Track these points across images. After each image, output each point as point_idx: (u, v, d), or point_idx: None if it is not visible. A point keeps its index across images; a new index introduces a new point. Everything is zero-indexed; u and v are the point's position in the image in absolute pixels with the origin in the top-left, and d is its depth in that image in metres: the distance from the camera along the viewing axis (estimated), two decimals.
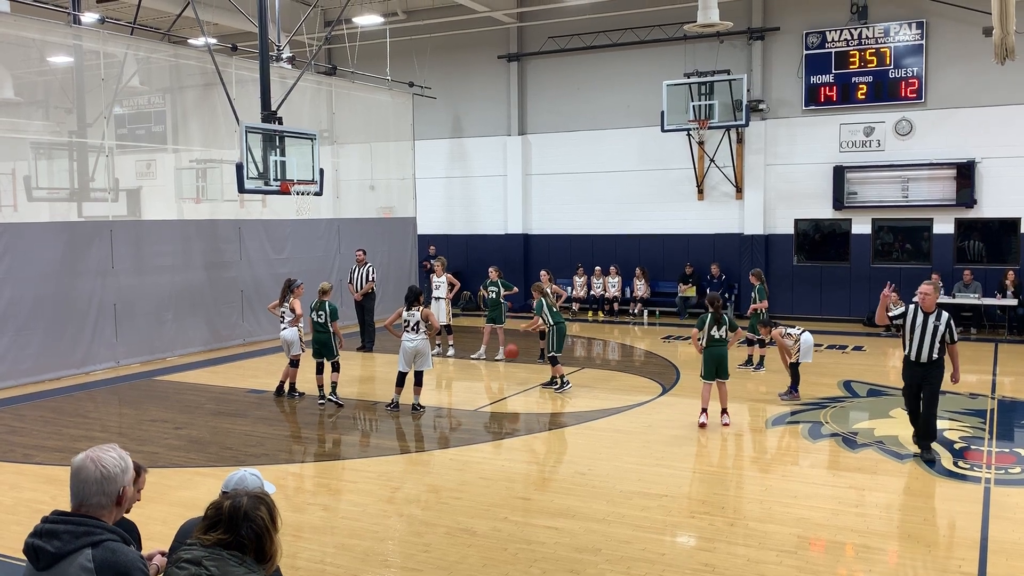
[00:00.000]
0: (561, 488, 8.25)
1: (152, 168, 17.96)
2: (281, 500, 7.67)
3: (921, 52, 18.62)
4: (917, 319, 8.85)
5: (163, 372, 14.50)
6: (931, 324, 8.81)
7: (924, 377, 8.88)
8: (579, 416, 11.17)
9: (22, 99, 14.68)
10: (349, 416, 11.45)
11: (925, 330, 8.81)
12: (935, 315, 8.83)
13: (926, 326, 8.82)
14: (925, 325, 8.82)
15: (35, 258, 13.52)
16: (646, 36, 20.80)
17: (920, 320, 8.84)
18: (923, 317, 8.84)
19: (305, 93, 17.95)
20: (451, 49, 22.78)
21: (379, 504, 7.85)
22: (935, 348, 8.80)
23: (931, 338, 8.79)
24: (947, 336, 8.81)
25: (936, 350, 8.80)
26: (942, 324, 8.79)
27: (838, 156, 19.49)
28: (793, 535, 6.84)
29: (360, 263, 16.65)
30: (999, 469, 8.59)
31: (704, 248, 20.83)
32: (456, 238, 23.46)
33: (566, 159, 22.24)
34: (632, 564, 6.36)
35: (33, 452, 9.72)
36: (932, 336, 8.78)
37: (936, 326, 8.79)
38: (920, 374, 8.91)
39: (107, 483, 3.05)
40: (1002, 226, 18.48)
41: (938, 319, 8.80)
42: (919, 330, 8.83)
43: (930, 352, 8.82)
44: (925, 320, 8.82)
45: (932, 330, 8.78)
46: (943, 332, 8.78)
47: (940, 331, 8.77)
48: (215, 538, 2.86)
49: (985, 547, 6.59)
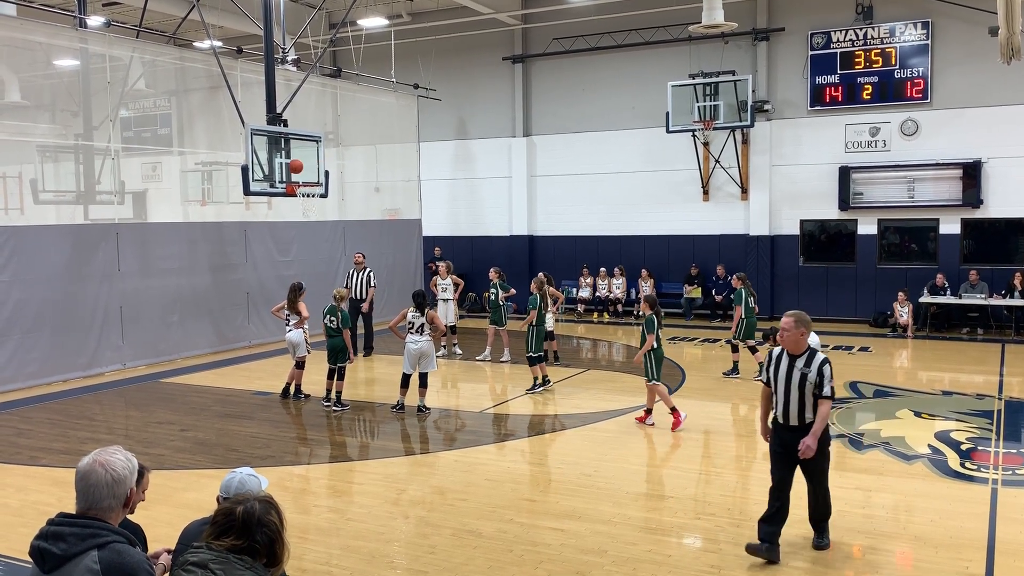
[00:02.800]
0: (567, 490, 8.24)
1: (158, 171, 18.01)
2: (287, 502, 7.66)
3: (927, 52, 18.58)
4: (781, 365, 6.53)
5: (169, 374, 14.53)
6: (797, 371, 6.43)
7: (794, 445, 6.42)
8: (584, 418, 11.16)
9: (29, 102, 14.73)
10: (354, 418, 11.45)
11: (790, 380, 6.44)
12: (805, 359, 6.47)
13: (791, 374, 6.44)
14: (790, 373, 6.45)
15: (41, 261, 13.55)
16: (651, 37, 20.79)
17: (784, 366, 6.51)
18: (787, 362, 6.51)
19: (310, 95, 17.97)
20: (455, 51, 22.80)
21: (385, 506, 7.85)
22: (806, 405, 6.42)
23: (799, 391, 6.40)
24: (815, 386, 6.40)
25: (809, 408, 6.43)
26: (812, 371, 6.40)
27: (844, 156, 19.44)
28: (800, 536, 6.81)
29: (358, 266, 16.04)
30: (1006, 470, 8.56)
31: (709, 249, 20.80)
32: (461, 240, 23.46)
33: (571, 160, 22.23)
34: (638, 566, 6.35)
35: (39, 454, 9.75)
36: (800, 388, 6.40)
37: (804, 374, 6.40)
38: (790, 441, 6.47)
39: (117, 486, 3.06)
40: (1009, 226, 18.42)
41: (807, 364, 6.44)
42: (783, 380, 6.48)
43: (800, 410, 6.43)
44: (790, 366, 6.48)
45: (800, 380, 6.40)
46: (814, 381, 6.39)
47: (810, 381, 6.39)
48: (228, 543, 2.86)
49: (992, 548, 6.57)
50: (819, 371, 6.39)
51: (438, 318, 11.54)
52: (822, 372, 6.39)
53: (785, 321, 6.52)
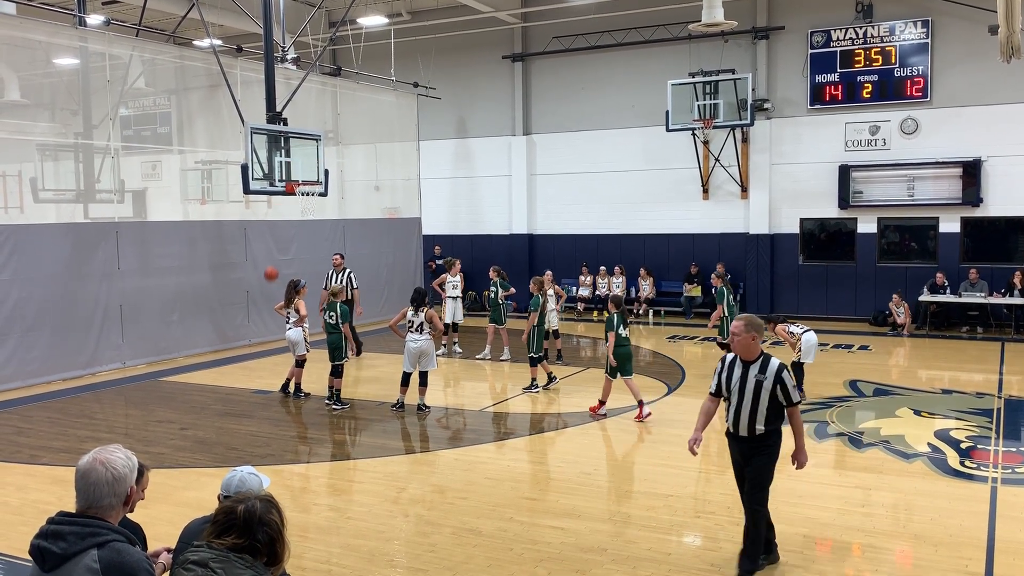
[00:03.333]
0: (567, 488, 8.25)
1: (158, 169, 18.00)
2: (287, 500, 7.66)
3: (926, 51, 18.57)
4: (734, 373, 6.05)
5: (169, 373, 14.53)
6: (752, 379, 5.96)
7: (745, 458, 6.09)
8: (584, 416, 11.16)
9: (28, 101, 14.72)
10: (354, 417, 11.45)
11: (744, 388, 5.96)
12: (759, 365, 5.98)
13: (745, 382, 5.97)
14: (744, 380, 5.98)
15: (41, 259, 13.55)
16: (651, 36, 20.78)
17: (738, 373, 6.03)
18: (741, 369, 6.03)
19: (310, 94, 17.97)
20: (455, 50, 22.79)
21: (385, 504, 7.86)
22: (759, 415, 5.93)
23: (752, 399, 5.92)
24: (781, 397, 5.94)
25: (761, 419, 5.93)
26: (768, 378, 5.91)
27: (843, 155, 19.44)
28: (799, 535, 6.83)
29: (337, 268, 15.32)
30: (1006, 468, 8.56)
31: (709, 248, 20.80)
32: (461, 238, 23.46)
33: (571, 159, 22.23)
34: (638, 564, 6.35)
35: (39, 453, 9.75)
36: (754, 396, 5.92)
37: (760, 381, 5.92)
38: (740, 454, 6.13)
39: (117, 484, 3.07)
40: (1008, 224, 18.42)
41: (763, 371, 5.94)
42: (736, 388, 6.02)
43: (751, 421, 5.95)
44: (744, 373, 6.00)
45: (754, 387, 5.92)
46: (771, 390, 5.90)
47: (766, 389, 5.91)
48: (229, 542, 2.86)
49: (992, 547, 6.57)
50: (778, 380, 5.91)
51: (437, 317, 11.52)
52: (782, 381, 5.92)
53: (735, 325, 6.03)
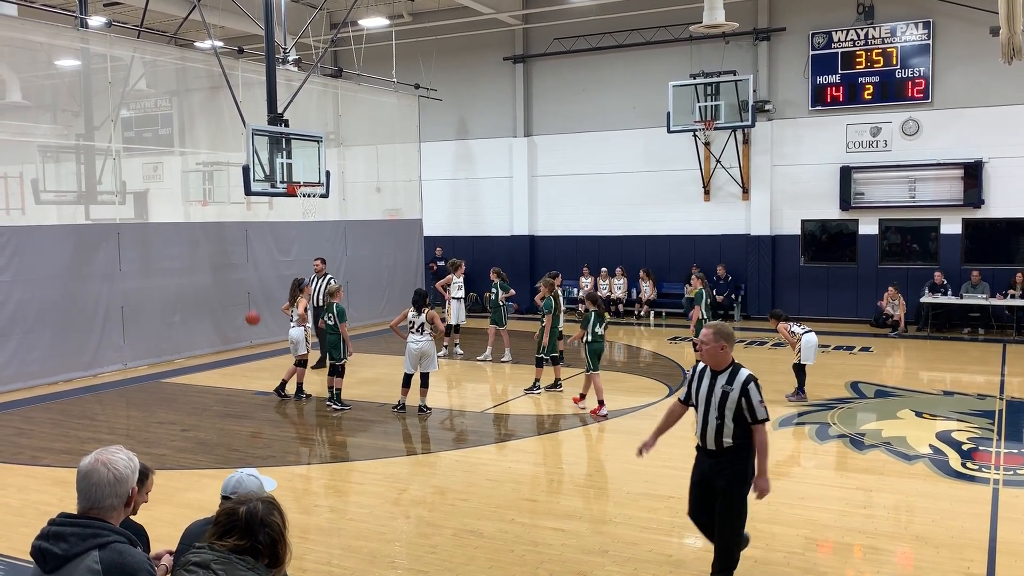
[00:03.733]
0: (568, 490, 8.24)
1: (159, 171, 18.02)
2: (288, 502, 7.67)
3: (928, 52, 18.57)
4: (703, 382, 5.78)
5: (170, 374, 14.53)
6: (719, 389, 5.65)
7: (712, 475, 5.72)
8: (585, 418, 11.16)
9: (30, 102, 14.74)
10: (355, 418, 11.45)
11: (711, 398, 5.67)
12: (727, 376, 5.67)
13: (712, 392, 5.68)
14: (711, 391, 5.68)
15: (43, 261, 13.56)
16: (652, 37, 20.78)
17: (706, 383, 5.75)
18: (709, 378, 5.75)
19: (311, 95, 17.98)
20: (456, 51, 22.80)
21: (386, 506, 7.86)
22: (725, 428, 5.60)
23: (718, 411, 5.61)
24: (746, 411, 5.56)
25: (728, 432, 5.60)
26: (735, 389, 5.58)
27: (845, 156, 19.43)
28: (800, 536, 6.82)
29: (319, 274, 14.70)
30: (1008, 470, 8.55)
31: (710, 249, 20.79)
32: (462, 240, 23.45)
33: (572, 160, 22.23)
34: (639, 566, 6.35)
35: (41, 454, 9.76)
36: (720, 408, 5.60)
37: (726, 392, 5.60)
38: (706, 469, 5.78)
39: (119, 485, 3.07)
40: (1010, 226, 18.41)
41: (730, 382, 5.63)
42: (703, 398, 5.72)
43: (718, 433, 5.63)
44: (712, 383, 5.71)
45: (720, 399, 5.62)
46: (737, 403, 5.57)
47: (732, 400, 5.58)
48: (231, 544, 2.86)
49: (994, 548, 6.57)
50: (744, 392, 5.53)
51: (438, 318, 11.53)
52: (748, 394, 5.53)
53: (704, 333, 5.76)
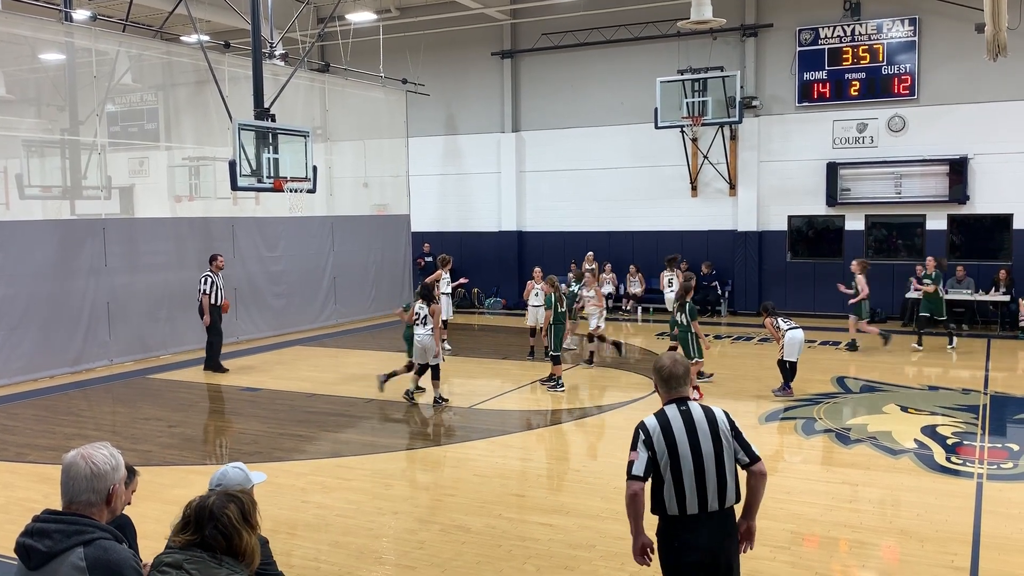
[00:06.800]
0: (556, 485, 8.26)
1: (145, 166, 17.92)
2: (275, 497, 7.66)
3: (914, 49, 18.65)
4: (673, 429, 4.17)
5: (156, 370, 14.46)
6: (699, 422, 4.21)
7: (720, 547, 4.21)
8: (573, 413, 11.18)
9: (14, 97, 14.63)
10: (343, 414, 11.44)
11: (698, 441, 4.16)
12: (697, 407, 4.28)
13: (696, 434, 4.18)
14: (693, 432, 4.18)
15: (28, 256, 13.46)
16: (639, 33, 20.79)
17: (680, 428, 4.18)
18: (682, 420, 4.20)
19: (298, 90, 17.91)
20: (444, 46, 22.74)
21: (373, 501, 7.84)
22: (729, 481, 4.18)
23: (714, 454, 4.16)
24: (742, 449, 4.23)
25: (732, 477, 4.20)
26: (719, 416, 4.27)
27: (831, 153, 19.51)
28: (787, 531, 6.85)
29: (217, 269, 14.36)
30: (991, 464, 8.62)
31: (698, 245, 20.84)
32: (450, 235, 23.40)
33: (560, 156, 22.22)
34: (626, 560, 6.35)
35: (26, 451, 9.70)
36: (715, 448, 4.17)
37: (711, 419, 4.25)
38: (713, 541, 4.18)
39: (97, 480, 3.04)
40: (994, 222, 18.54)
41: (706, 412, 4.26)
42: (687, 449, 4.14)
43: (720, 489, 4.14)
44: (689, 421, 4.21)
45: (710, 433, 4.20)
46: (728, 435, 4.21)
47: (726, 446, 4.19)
48: (184, 539, 2.85)
49: (978, 542, 6.62)
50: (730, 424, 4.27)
51: (437, 312, 11.70)
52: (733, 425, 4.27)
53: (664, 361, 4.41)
